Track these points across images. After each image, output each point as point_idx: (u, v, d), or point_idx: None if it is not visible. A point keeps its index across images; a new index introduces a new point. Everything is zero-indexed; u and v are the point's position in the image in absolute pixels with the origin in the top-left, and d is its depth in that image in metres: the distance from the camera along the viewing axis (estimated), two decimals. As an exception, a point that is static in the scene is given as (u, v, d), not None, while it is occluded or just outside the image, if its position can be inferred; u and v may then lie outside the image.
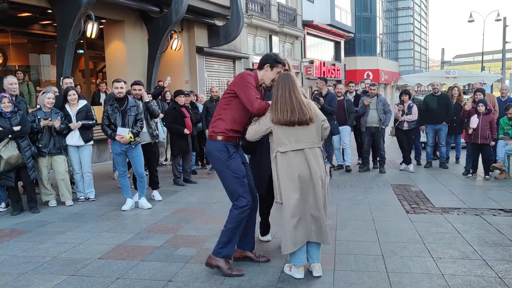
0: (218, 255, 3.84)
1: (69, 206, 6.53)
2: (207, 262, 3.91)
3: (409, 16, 63.85)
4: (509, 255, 4.19)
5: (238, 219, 3.82)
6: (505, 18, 30.97)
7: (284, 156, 3.61)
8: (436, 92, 9.44)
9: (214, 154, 3.85)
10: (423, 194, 6.91)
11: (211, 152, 3.89)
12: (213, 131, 3.87)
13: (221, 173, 3.88)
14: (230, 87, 3.88)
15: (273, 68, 3.86)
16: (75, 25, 9.69)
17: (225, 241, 3.85)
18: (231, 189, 3.86)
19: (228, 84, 9.86)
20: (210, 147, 3.89)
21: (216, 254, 3.86)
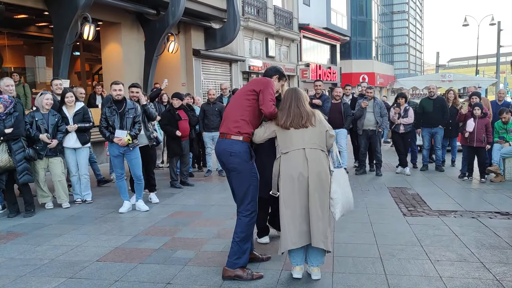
0: (234, 266, 3.77)
1: (66, 208, 6.51)
2: (226, 275, 3.79)
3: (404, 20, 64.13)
4: (506, 257, 4.22)
5: (248, 226, 3.81)
6: (499, 22, 31.17)
7: (286, 156, 3.75)
8: (432, 96, 9.49)
9: (242, 155, 3.77)
10: (420, 197, 6.94)
11: (239, 152, 3.75)
12: (238, 131, 3.78)
13: (243, 175, 3.78)
14: (251, 87, 3.88)
15: (280, 80, 4.12)
16: (72, 27, 9.69)
17: (241, 251, 3.78)
18: (246, 192, 3.79)
19: (223, 87, 9.89)
20: (237, 147, 3.76)
21: (231, 267, 3.78)
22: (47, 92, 6.65)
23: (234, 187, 3.88)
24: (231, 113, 3.89)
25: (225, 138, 3.81)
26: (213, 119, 8.95)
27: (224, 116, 3.98)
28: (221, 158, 3.87)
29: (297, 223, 3.66)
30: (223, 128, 3.89)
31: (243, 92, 3.95)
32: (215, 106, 9.03)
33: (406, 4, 64.48)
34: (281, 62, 21.60)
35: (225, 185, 8.12)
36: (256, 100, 3.82)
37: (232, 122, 3.82)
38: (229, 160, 3.79)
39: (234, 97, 4.06)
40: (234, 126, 3.80)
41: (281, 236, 3.76)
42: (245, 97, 3.87)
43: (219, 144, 3.88)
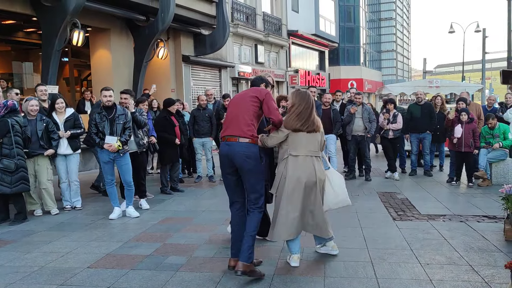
0: (249, 260, 3.90)
1: (55, 214, 6.46)
2: (243, 270, 3.82)
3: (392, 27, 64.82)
4: (494, 260, 4.28)
5: (259, 220, 4.04)
6: (485, 29, 31.68)
7: (295, 159, 4.13)
8: (420, 101, 9.60)
9: (257, 157, 3.98)
10: (409, 202, 7.01)
11: (254, 154, 3.96)
12: (252, 134, 3.97)
13: (258, 175, 4.02)
14: (253, 94, 4.07)
15: (266, 88, 4.34)
16: (61, 33, 9.64)
17: (253, 245, 3.97)
18: (259, 190, 4.03)
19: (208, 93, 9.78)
20: (253, 149, 3.96)
21: (247, 261, 3.88)
22: (32, 98, 6.60)
23: (249, 187, 4.01)
24: (241, 116, 4.00)
25: (239, 142, 3.93)
26: (203, 124, 8.95)
27: (230, 119, 4.08)
28: (234, 160, 3.95)
29: (297, 218, 4.10)
30: (235, 130, 3.97)
31: (247, 97, 4.09)
32: (205, 112, 9.03)
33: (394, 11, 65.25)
34: (270, 68, 21.69)
35: (215, 191, 8.13)
36: (259, 108, 4.05)
37: (245, 125, 3.96)
38: (245, 162, 3.93)
39: (237, 101, 4.17)
40: (248, 129, 3.96)
41: (277, 226, 4.11)
42: (251, 103, 4.03)
43: (231, 146, 3.96)
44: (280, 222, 4.11)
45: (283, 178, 4.15)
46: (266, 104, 4.02)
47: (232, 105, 4.19)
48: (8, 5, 9.33)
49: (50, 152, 6.46)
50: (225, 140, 4.02)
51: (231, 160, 3.96)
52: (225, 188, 4.19)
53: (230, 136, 3.98)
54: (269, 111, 4.04)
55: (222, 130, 4.14)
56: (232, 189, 4.11)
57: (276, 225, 4.13)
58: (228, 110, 4.23)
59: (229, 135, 3.99)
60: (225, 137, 4.04)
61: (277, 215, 4.15)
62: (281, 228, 4.10)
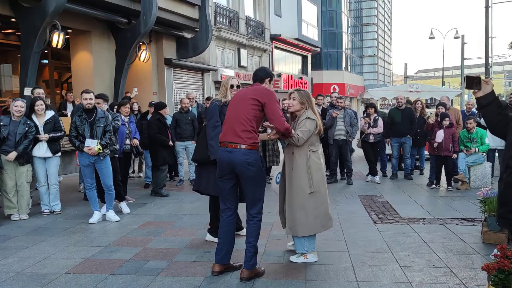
0: (253, 267, 3.99)
1: (24, 219, 6.32)
2: (247, 277, 3.93)
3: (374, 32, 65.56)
4: (472, 262, 4.35)
5: (259, 229, 4.07)
6: (463, 36, 32.30)
7: (315, 154, 4.39)
8: (400, 106, 9.72)
9: (258, 164, 3.96)
10: (390, 205, 7.07)
11: (256, 161, 3.94)
12: (254, 142, 3.92)
13: (261, 181, 4.04)
14: (253, 95, 3.94)
15: (270, 82, 4.26)
16: (40, 35, 9.49)
17: (255, 252, 4.02)
18: (260, 197, 4.06)
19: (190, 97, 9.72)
20: (254, 157, 3.93)
21: (251, 268, 3.97)
22: (19, 99, 6.48)
23: (248, 193, 4.00)
24: (241, 121, 3.90)
25: (240, 149, 3.88)
26: (186, 128, 8.90)
27: (229, 123, 3.97)
28: (235, 167, 3.90)
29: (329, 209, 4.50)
30: (234, 137, 3.90)
31: (247, 98, 3.96)
32: (187, 115, 8.99)
33: (375, 16, 66.02)
34: (253, 72, 21.70)
35: (197, 195, 7.99)
36: (260, 111, 3.95)
37: (244, 132, 3.88)
38: (246, 169, 3.89)
39: (236, 102, 4.02)
40: (248, 137, 3.89)
41: (310, 222, 4.32)
42: (250, 106, 3.92)
43: (232, 153, 3.88)
44: (324, 214, 4.38)
45: (317, 171, 4.33)
46: (269, 109, 3.93)
47: (232, 106, 4.04)
48: (-14, 6, 9.17)
49: (11, 156, 6.16)
50: (225, 146, 3.94)
51: (232, 168, 3.92)
52: (219, 193, 4.14)
53: (231, 142, 3.91)
54: (273, 118, 3.95)
55: (222, 133, 4.05)
56: (226, 193, 4.04)
57: (315, 217, 4.34)
58: (227, 111, 4.09)
59: (230, 142, 3.92)
60: (225, 143, 3.96)
61: (311, 209, 4.31)
62: (315, 223, 4.35)
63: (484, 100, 2.70)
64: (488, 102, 2.68)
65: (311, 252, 4.45)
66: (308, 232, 4.37)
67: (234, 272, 4.13)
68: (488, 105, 2.69)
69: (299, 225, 4.32)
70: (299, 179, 4.31)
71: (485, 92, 2.70)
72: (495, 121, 2.68)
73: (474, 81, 2.73)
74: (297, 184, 4.32)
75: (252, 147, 3.90)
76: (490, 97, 2.69)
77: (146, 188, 8.78)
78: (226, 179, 3.99)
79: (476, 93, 2.74)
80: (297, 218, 4.34)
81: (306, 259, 4.41)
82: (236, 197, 4.09)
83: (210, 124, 4.70)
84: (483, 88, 2.71)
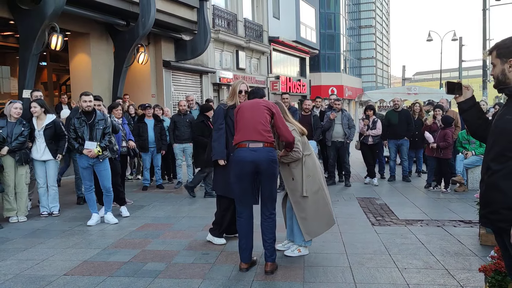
0: (275, 260, 4.23)
1: (23, 221, 6.33)
2: (274, 269, 4.17)
3: (372, 34, 65.69)
4: (470, 264, 4.36)
5: (275, 225, 4.27)
6: (461, 38, 32.36)
7: (310, 157, 4.57)
8: (397, 108, 9.75)
9: (277, 162, 4.23)
10: (388, 207, 7.09)
11: (276, 158, 4.20)
12: (273, 140, 4.19)
13: (276, 179, 4.23)
14: (266, 104, 4.25)
15: None
16: (39, 37, 9.49)
17: (274, 246, 4.25)
18: (275, 194, 4.26)
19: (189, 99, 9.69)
20: (275, 154, 4.20)
21: (274, 261, 4.21)
22: (17, 101, 6.49)
23: (268, 191, 4.17)
24: (260, 122, 4.12)
25: (264, 147, 4.07)
26: (184, 130, 8.89)
27: (248, 125, 4.13)
28: (260, 165, 4.05)
29: None
30: (256, 135, 4.08)
31: (260, 105, 4.24)
32: (186, 117, 8.99)
33: (373, 19, 66.16)
34: (251, 74, 21.76)
35: (195, 197, 8.08)
36: (272, 118, 4.23)
37: (266, 131, 4.12)
38: (271, 167, 4.11)
39: (249, 108, 4.24)
40: (269, 136, 4.14)
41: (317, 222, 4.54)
42: (265, 111, 4.20)
43: (257, 152, 4.05)
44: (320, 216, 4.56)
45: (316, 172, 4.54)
46: (279, 120, 4.23)
47: (246, 110, 4.23)
48: (-16, 9, 9.17)
49: (3, 150, 6.16)
50: (248, 146, 4.07)
51: (257, 166, 4.05)
52: (237, 197, 4.24)
53: (254, 141, 4.07)
54: (283, 128, 4.22)
55: (239, 134, 4.17)
56: (245, 197, 4.18)
57: (323, 215, 4.56)
58: (242, 114, 4.23)
59: (253, 141, 4.07)
60: (246, 143, 4.09)
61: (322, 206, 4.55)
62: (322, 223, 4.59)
63: (465, 105, 2.81)
64: (469, 107, 2.80)
65: (304, 246, 4.68)
66: (326, 227, 4.68)
67: (232, 273, 4.16)
68: (469, 109, 2.81)
69: (317, 225, 4.57)
70: (304, 185, 4.49)
71: (465, 97, 2.82)
72: (475, 125, 2.79)
73: (455, 86, 2.84)
74: (304, 191, 4.50)
75: (272, 145, 4.15)
76: (471, 101, 2.81)
77: (144, 191, 8.78)
78: (245, 179, 4.11)
79: (458, 98, 2.85)
80: (312, 221, 4.55)
81: (300, 252, 4.64)
82: (253, 197, 4.23)
83: (215, 127, 4.94)
84: (464, 93, 2.82)
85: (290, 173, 4.53)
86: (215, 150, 4.87)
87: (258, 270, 4.27)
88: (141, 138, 8.65)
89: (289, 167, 4.52)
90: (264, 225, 4.20)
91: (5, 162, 6.21)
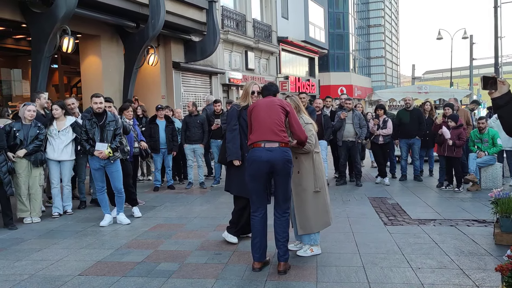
0: (288, 259, 4.22)
1: (37, 222, 6.39)
2: (287, 268, 4.18)
3: (381, 33, 65.39)
4: (485, 264, 4.32)
5: (289, 223, 4.30)
6: (472, 36, 32.11)
7: (318, 155, 4.64)
8: (409, 107, 9.69)
9: (292, 160, 4.22)
10: (400, 206, 7.05)
11: (291, 158, 4.21)
12: (289, 140, 4.24)
13: (290, 178, 4.24)
14: (280, 103, 4.24)
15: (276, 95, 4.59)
16: (51, 40, 9.59)
17: (287, 246, 4.26)
18: (289, 193, 4.28)
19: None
20: (290, 153, 4.22)
21: (287, 260, 4.21)
22: (30, 103, 6.57)
23: (282, 190, 4.18)
24: (275, 121, 4.15)
25: (279, 147, 4.10)
26: (195, 131, 8.93)
27: (263, 125, 4.15)
28: (276, 165, 4.09)
29: None
30: (272, 135, 4.10)
31: (274, 104, 4.24)
32: (196, 118, 9.02)
33: (382, 18, 65.85)
34: (260, 74, 21.75)
35: (206, 197, 8.12)
36: (285, 118, 4.23)
37: (281, 131, 4.14)
38: (286, 166, 4.13)
39: (264, 107, 4.24)
40: (285, 136, 4.17)
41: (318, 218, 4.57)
42: (280, 110, 4.21)
43: (274, 152, 4.08)
44: (322, 213, 4.60)
45: (322, 171, 4.63)
46: (293, 119, 4.24)
47: (261, 109, 4.24)
48: (-3, 12, 9.27)
49: (20, 152, 6.25)
50: (263, 146, 4.10)
51: (272, 166, 4.09)
52: (252, 196, 4.27)
53: (270, 141, 4.09)
54: (297, 127, 4.24)
55: (255, 134, 4.19)
56: (260, 196, 4.22)
57: (319, 217, 4.58)
58: (257, 114, 4.24)
59: (269, 141, 4.09)
60: (261, 143, 4.11)
61: (322, 205, 4.59)
62: (324, 219, 4.63)
63: (500, 101, 2.69)
64: (505, 103, 2.67)
65: (316, 245, 4.69)
66: (322, 226, 4.68)
67: (245, 273, 4.16)
68: (505, 105, 2.67)
69: (313, 222, 4.58)
70: (307, 180, 4.55)
71: (501, 93, 2.69)
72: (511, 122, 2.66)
73: (490, 81, 2.72)
74: (306, 185, 4.55)
75: (287, 145, 4.18)
76: (507, 97, 2.68)
77: (156, 191, 8.82)
78: (260, 178, 4.15)
79: (492, 94, 2.73)
80: (310, 216, 4.56)
81: (312, 252, 4.64)
82: (266, 197, 4.28)
83: (229, 127, 4.99)
84: (499, 88, 2.70)
85: (297, 166, 4.54)
86: (229, 150, 4.91)
87: (271, 270, 4.27)
88: (153, 139, 8.68)
89: (297, 159, 4.52)
90: (277, 224, 4.22)
91: (19, 164, 6.27)
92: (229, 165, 5.07)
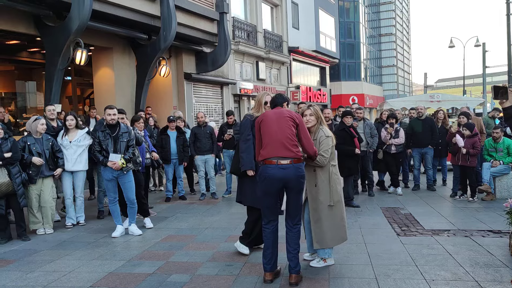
0: (300, 272, 4.22)
1: (49, 233, 6.45)
2: (299, 281, 4.16)
3: (392, 42, 65.29)
4: (501, 276, 4.24)
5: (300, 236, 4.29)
6: (484, 44, 31.84)
7: (335, 168, 4.63)
8: (421, 116, 9.61)
9: (305, 176, 4.23)
10: (413, 217, 6.97)
11: (305, 174, 4.22)
12: (302, 156, 4.19)
13: (302, 192, 4.25)
14: (290, 115, 4.18)
15: (288, 105, 4.55)
16: (64, 52, 9.72)
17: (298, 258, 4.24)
18: (301, 207, 4.32)
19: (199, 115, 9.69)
20: (304, 169, 4.22)
21: (298, 273, 4.20)
22: (41, 118, 6.66)
23: (295, 203, 4.20)
24: (287, 136, 4.09)
25: (293, 164, 4.06)
26: (205, 141, 8.95)
27: (275, 139, 4.10)
28: (290, 183, 4.08)
29: None
30: (285, 151, 4.05)
31: (283, 117, 4.17)
32: (206, 129, 9.05)
33: (393, 27, 65.76)
34: (271, 84, 21.80)
35: (218, 208, 8.11)
36: (296, 130, 4.18)
37: (293, 146, 4.10)
38: (300, 183, 4.15)
39: (274, 120, 4.18)
40: (297, 151, 4.12)
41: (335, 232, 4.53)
42: (290, 123, 4.15)
43: (287, 170, 4.04)
44: (338, 227, 4.55)
45: (339, 184, 4.59)
46: (303, 132, 4.19)
47: (271, 122, 4.16)
48: (12, 26, 9.44)
49: (59, 171, 6.60)
50: (277, 163, 4.04)
51: (286, 183, 4.08)
52: (264, 209, 4.27)
53: (283, 158, 4.04)
54: (305, 141, 4.18)
55: (266, 149, 4.11)
56: (272, 209, 4.22)
57: (335, 231, 4.53)
58: (267, 127, 4.17)
59: (282, 157, 4.04)
60: (274, 159, 4.05)
61: (339, 219, 4.54)
62: (340, 233, 4.58)
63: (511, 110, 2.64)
64: None
65: (330, 257, 4.70)
66: (338, 241, 4.64)
67: (257, 285, 4.13)
68: None
69: (329, 237, 4.53)
70: (325, 194, 4.50)
71: None
72: None
73: (500, 90, 2.68)
74: (323, 198, 4.50)
75: (300, 160, 4.14)
76: None
77: (167, 202, 8.84)
78: (273, 197, 4.16)
79: (504, 103, 2.68)
80: (326, 231, 4.52)
81: (325, 263, 4.64)
82: (278, 209, 4.29)
83: (242, 138, 5.01)
84: (510, 97, 2.66)
85: (315, 179, 4.50)
86: (243, 161, 4.90)
87: (282, 282, 4.24)
88: (164, 149, 8.73)
89: (314, 172, 4.49)
90: (289, 236, 4.20)
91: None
92: (242, 176, 5.06)
